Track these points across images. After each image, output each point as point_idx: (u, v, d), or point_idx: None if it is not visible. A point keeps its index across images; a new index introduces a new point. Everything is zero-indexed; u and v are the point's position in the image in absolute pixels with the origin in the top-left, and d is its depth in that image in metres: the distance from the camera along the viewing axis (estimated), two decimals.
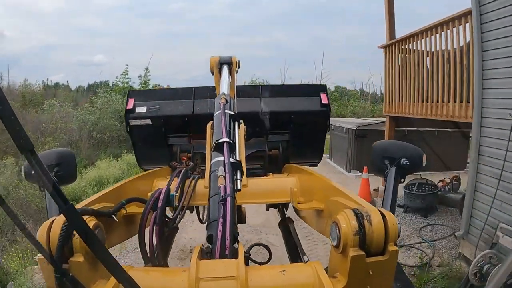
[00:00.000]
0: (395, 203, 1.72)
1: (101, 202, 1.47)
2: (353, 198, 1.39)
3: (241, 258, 1.07)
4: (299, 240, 2.34)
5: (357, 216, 1.10)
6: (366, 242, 1.07)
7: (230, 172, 1.51)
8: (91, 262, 1.09)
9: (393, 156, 1.84)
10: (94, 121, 19.57)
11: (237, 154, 1.82)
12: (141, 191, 1.94)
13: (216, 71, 2.69)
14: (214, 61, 2.69)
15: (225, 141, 1.70)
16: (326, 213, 1.68)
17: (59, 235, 1.02)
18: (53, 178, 0.76)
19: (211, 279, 1.01)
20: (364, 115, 28.70)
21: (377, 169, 1.93)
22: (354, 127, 9.08)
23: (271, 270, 1.14)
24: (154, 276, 1.12)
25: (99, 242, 0.81)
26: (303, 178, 2.15)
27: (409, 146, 1.92)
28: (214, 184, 1.50)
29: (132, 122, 2.88)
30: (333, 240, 1.14)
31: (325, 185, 1.79)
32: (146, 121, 2.87)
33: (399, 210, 6.73)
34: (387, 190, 1.74)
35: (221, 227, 1.21)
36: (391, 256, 1.09)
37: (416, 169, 1.87)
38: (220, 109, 2.04)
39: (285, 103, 3.01)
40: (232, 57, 2.71)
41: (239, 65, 2.76)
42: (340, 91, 35.16)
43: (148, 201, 1.56)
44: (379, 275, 1.11)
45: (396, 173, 1.78)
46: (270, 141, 2.97)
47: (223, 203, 1.31)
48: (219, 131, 1.84)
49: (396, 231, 1.10)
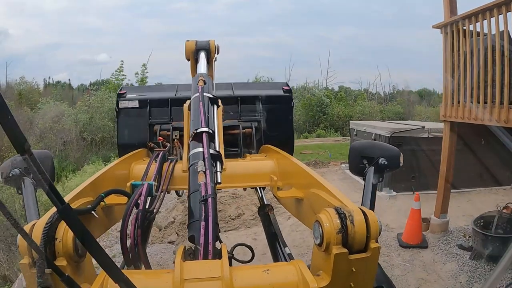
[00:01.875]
0: (374, 202, 1.71)
1: (79, 198, 1.43)
2: (333, 193, 1.40)
3: (225, 259, 1.09)
4: (280, 231, 2.34)
5: (339, 215, 1.13)
6: (348, 240, 1.10)
7: (210, 167, 1.52)
8: (74, 266, 1.09)
9: (371, 156, 1.87)
10: (86, 121, 18.10)
11: (216, 144, 1.81)
12: (120, 178, 1.94)
13: (191, 58, 2.64)
14: (190, 47, 2.63)
15: (204, 131, 1.71)
16: (306, 203, 1.72)
17: (41, 239, 1.00)
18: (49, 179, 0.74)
19: (196, 280, 1.02)
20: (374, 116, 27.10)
21: (356, 169, 1.95)
22: (388, 133, 7.17)
23: (255, 269, 1.15)
24: (138, 279, 1.03)
25: (96, 243, 0.80)
26: (282, 162, 2.16)
27: (386, 146, 1.96)
28: (194, 178, 1.51)
29: (121, 104, 3.16)
30: (316, 239, 1.17)
31: (304, 174, 1.80)
32: (133, 103, 3.16)
33: (464, 254, 4.83)
34: (366, 189, 1.75)
35: (203, 231, 1.24)
36: (373, 253, 1.13)
37: (394, 169, 1.87)
38: (198, 92, 2.04)
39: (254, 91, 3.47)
40: (210, 41, 2.65)
41: (218, 51, 2.68)
42: (344, 91, 33.82)
43: (126, 208, 1.48)
44: (361, 272, 1.14)
45: (375, 173, 1.80)
46: (243, 121, 3.09)
47: (204, 203, 1.32)
48: (197, 119, 1.85)
49: (377, 229, 1.14)
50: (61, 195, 0.73)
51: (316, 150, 15.41)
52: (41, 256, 0.91)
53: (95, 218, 1.42)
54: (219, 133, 1.97)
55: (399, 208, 6.42)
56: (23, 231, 0.74)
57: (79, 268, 1.10)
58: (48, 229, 1.01)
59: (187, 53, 2.59)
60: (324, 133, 25.45)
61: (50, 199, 0.71)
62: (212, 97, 2.09)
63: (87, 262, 1.17)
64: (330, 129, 26.45)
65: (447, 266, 4.71)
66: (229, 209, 7.02)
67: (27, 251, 1.00)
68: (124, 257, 1.46)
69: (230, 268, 1.05)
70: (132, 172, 2.10)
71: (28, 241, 0.81)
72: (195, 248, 1.22)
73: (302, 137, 23.94)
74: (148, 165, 1.99)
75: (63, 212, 0.74)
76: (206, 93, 2.08)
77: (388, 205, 6.59)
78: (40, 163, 0.68)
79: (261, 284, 1.07)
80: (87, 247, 0.80)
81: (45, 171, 0.71)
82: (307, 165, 3.43)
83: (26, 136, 0.65)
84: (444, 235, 5.49)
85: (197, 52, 2.54)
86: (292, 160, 2.04)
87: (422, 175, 7.42)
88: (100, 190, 1.54)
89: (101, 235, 1.73)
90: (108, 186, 1.66)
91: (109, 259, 0.79)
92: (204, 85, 2.10)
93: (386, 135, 7.20)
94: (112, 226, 1.81)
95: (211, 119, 1.94)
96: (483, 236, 4.49)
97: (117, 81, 22.14)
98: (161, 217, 6.75)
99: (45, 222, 1.03)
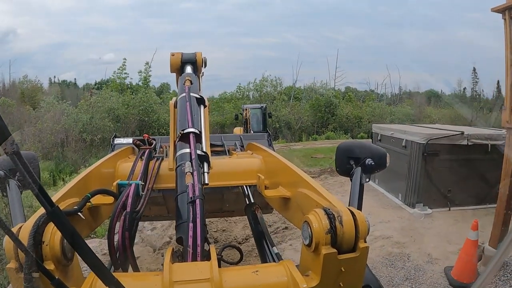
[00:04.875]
0: (361, 202, 1.68)
1: (66, 199, 1.41)
2: (322, 193, 1.40)
3: (214, 260, 1.09)
4: (267, 230, 2.36)
5: (328, 215, 1.16)
6: (337, 240, 1.13)
7: (197, 169, 1.55)
8: (62, 270, 1.09)
9: (358, 157, 1.86)
10: (87, 120, 17.32)
11: (203, 144, 1.83)
12: (105, 177, 1.92)
13: (177, 73, 2.57)
14: (175, 60, 2.57)
15: (191, 131, 1.73)
16: (293, 202, 1.73)
17: (28, 241, 0.99)
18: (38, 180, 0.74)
19: (185, 282, 1.01)
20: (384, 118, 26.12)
21: (343, 169, 1.94)
22: (423, 140, 6.14)
23: (244, 271, 1.17)
24: (127, 282, 0.97)
25: (85, 245, 0.80)
26: (268, 160, 2.16)
27: (373, 146, 1.93)
28: (181, 180, 1.52)
29: None
30: (305, 239, 1.19)
31: (291, 173, 1.81)
32: None
33: None
34: (353, 189, 1.75)
35: (192, 233, 1.23)
36: (361, 253, 1.15)
37: (380, 169, 1.86)
38: (185, 92, 2.05)
39: None
40: (197, 53, 2.57)
41: (206, 64, 2.60)
42: (351, 91, 32.96)
43: (114, 210, 1.50)
44: (350, 271, 1.16)
45: (362, 173, 1.80)
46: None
47: (192, 205, 1.33)
48: (184, 119, 1.87)
49: (365, 229, 1.16)
50: (50, 197, 0.74)
51: (328, 154, 14.37)
52: (29, 259, 0.90)
53: (81, 219, 1.37)
54: (205, 133, 1.99)
55: (438, 230, 5.40)
56: (12, 233, 0.75)
57: (67, 271, 1.10)
58: (35, 232, 1.00)
59: (172, 67, 2.54)
60: (333, 134, 24.52)
61: (39, 201, 0.72)
62: (199, 97, 2.10)
63: (74, 266, 1.15)
64: (340, 131, 25.53)
65: None
66: (235, 229, 6.07)
67: (14, 255, 0.99)
68: (112, 259, 1.46)
69: (219, 269, 1.07)
70: (118, 170, 2.09)
71: (17, 244, 0.82)
72: (184, 250, 1.23)
73: (311, 139, 23.00)
74: (134, 164, 2.00)
75: (52, 214, 0.75)
76: (193, 93, 2.09)
77: (425, 227, 5.56)
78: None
79: (250, 285, 1.09)
80: (76, 249, 0.83)
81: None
82: (322, 173, 2.70)
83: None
84: (501, 269, 4.47)
85: (183, 65, 2.50)
86: (278, 158, 2.04)
87: (459, 188, 6.40)
88: (86, 190, 1.53)
89: (86, 236, 1.68)
90: (94, 186, 1.66)
91: (99, 261, 0.81)
92: (191, 85, 2.12)
93: (421, 142, 6.18)
94: (98, 226, 1.79)
95: (197, 119, 1.96)
96: None
97: (119, 79, 21.37)
98: (155, 235, 5.82)
99: (31, 225, 1.02)
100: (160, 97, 22.76)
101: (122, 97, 19.19)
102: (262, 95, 26.57)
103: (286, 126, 24.26)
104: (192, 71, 2.47)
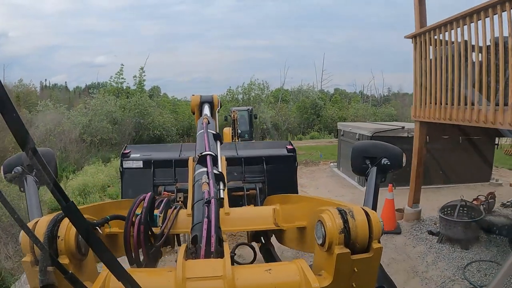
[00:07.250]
0: (376, 202, 1.72)
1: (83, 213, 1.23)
2: (336, 202, 1.43)
3: (227, 258, 1.08)
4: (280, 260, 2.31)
5: (341, 215, 1.14)
6: (350, 239, 1.11)
7: (213, 180, 1.56)
8: (76, 264, 1.09)
9: (374, 156, 1.87)
10: (86, 123, 18.56)
11: (219, 167, 1.85)
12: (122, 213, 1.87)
13: (196, 111, 2.76)
14: (195, 100, 2.77)
15: (208, 153, 1.78)
16: (309, 227, 1.64)
17: (44, 236, 1.01)
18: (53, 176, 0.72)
19: (198, 279, 1.00)
20: (367, 118, 27.69)
21: (358, 169, 1.95)
22: (370, 133, 7.79)
23: (257, 269, 1.15)
24: (140, 277, 0.93)
25: (99, 240, 0.79)
26: (285, 205, 2.13)
27: (389, 146, 1.93)
28: (198, 190, 1.54)
29: (125, 163, 3.17)
30: (318, 239, 1.18)
31: (308, 199, 1.89)
32: (138, 163, 3.17)
33: (433, 238, 5.43)
34: (368, 189, 1.75)
35: (206, 226, 1.24)
36: (375, 254, 1.13)
37: (396, 169, 1.87)
38: (203, 128, 2.15)
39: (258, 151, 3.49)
40: (214, 95, 2.78)
41: (221, 104, 2.87)
42: (339, 93, 34.44)
43: (133, 202, 1.50)
44: (363, 272, 1.14)
45: (377, 173, 1.81)
46: (247, 182, 3.10)
47: (207, 205, 1.34)
48: (202, 147, 1.93)
49: (379, 229, 1.14)
50: (65, 193, 0.72)
51: (308, 151, 16.02)
52: (44, 253, 0.92)
53: (100, 234, 1.36)
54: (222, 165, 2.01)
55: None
56: (27, 227, 0.74)
57: (81, 266, 1.11)
58: (52, 227, 1.03)
59: (192, 106, 2.79)
60: (318, 134, 26.02)
61: (54, 197, 0.71)
62: (215, 133, 2.18)
63: (89, 261, 1.17)
64: (324, 131, 27.00)
65: (416, 249, 5.29)
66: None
67: (29, 249, 1.02)
68: (127, 255, 1.46)
69: (232, 267, 1.04)
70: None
71: (32, 238, 0.79)
72: (197, 247, 1.22)
73: (296, 139, 24.52)
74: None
75: (67, 209, 0.73)
76: (210, 130, 2.16)
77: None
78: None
79: (263, 283, 1.06)
80: (90, 244, 0.80)
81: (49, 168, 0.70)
82: (298, 165, 3.36)
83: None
84: (416, 223, 6.09)
85: (201, 105, 2.73)
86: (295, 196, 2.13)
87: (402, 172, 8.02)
88: (101, 216, 1.47)
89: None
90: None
91: (113, 257, 0.79)
92: (208, 123, 2.24)
93: (368, 134, 7.82)
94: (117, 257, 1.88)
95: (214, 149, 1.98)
96: (447, 221, 5.10)
97: (116, 84, 22.61)
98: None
99: (48, 220, 1.05)
100: (152, 99, 23.53)
101: (119, 101, 20.52)
102: (251, 98, 27.40)
103: (274, 127, 25.42)
104: (209, 110, 2.65)
